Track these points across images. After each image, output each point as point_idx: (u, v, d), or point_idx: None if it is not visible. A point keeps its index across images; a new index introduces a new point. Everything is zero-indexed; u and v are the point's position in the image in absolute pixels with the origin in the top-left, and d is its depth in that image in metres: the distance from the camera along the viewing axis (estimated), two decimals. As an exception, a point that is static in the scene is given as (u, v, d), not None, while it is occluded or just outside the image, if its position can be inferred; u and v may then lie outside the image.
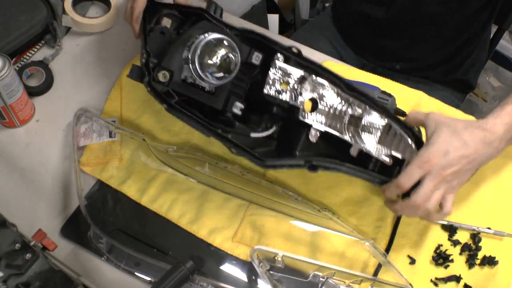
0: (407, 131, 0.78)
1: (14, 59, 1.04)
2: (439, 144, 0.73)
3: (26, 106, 0.94)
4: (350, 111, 0.78)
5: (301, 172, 0.93)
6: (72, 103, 0.99)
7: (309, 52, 1.06)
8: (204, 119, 0.78)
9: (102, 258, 0.83)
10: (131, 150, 0.93)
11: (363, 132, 0.77)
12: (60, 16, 1.07)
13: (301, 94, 0.77)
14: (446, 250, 0.87)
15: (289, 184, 0.92)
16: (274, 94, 0.78)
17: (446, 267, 0.86)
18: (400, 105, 1.02)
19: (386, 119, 0.78)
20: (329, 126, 0.78)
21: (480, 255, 0.87)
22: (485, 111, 1.65)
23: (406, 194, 0.76)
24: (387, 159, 0.77)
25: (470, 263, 0.86)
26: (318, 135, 0.78)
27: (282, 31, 1.81)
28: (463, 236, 0.89)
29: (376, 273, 0.84)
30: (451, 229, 0.89)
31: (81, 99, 1.00)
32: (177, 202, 0.88)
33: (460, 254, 0.87)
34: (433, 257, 0.86)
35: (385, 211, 0.90)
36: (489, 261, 0.86)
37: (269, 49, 0.80)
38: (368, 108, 0.78)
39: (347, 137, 0.77)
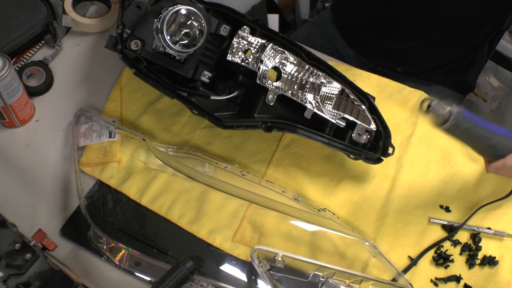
0: (361, 96, 0.82)
1: (14, 59, 1.04)
2: None
3: (26, 106, 0.94)
4: (307, 77, 0.82)
5: (301, 172, 0.93)
6: (72, 103, 0.99)
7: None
8: (169, 82, 0.83)
9: (102, 258, 0.83)
10: (131, 150, 0.93)
11: (319, 98, 0.81)
12: (60, 16, 1.07)
13: (262, 61, 0.81)
14: (446, 250, 0.87)
15: (289, 184, 0.92)
16: (236, 61, 0.82)
17: (446, 267, 0.86)
18: (400, 104, 1.02)
19: (341, 85, 0.81)
20: (286, 90, 0.82)
21: (480, 255, 0.87)
22: (485, 111, 1.65)
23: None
24: (341, 123, 0.81)
25: (470, 263, 0.86)
26: (275, 97, 0.81)
27: (282, 31, 1.80)
28: (463, 236, 0.89)
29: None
30: (451, 229, 0.89)
31: (81, 99, 1.00)
32: (177, 202, 0.88)
33: (460, 254, 0.87)
34: (433, 257, 0.86)
35: (385, 211, 0.90)
36: (489, 261, 0.86)
37: (238, 22, 0.85)
38: (325, 75, 0.82)
39: (302, 99, 0.81)
